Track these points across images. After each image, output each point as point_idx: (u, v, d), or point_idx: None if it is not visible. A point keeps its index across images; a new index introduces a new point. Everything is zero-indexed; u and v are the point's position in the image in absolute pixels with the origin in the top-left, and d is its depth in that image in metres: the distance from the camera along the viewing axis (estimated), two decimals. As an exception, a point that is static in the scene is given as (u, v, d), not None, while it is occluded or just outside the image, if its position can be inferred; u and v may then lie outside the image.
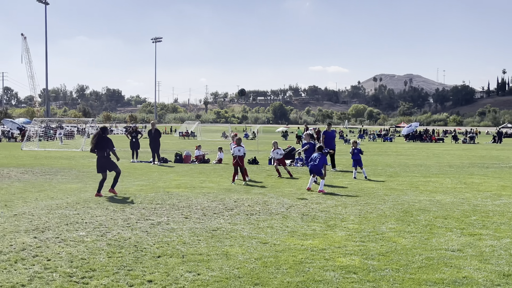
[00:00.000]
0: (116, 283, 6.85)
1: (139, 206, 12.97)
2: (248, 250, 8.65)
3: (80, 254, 8.26)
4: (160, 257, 8.18)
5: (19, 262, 7.76)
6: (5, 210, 12.17)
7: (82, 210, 12.35)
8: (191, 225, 10.72)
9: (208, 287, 6.73)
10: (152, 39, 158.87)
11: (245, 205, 13.26)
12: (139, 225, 10.64)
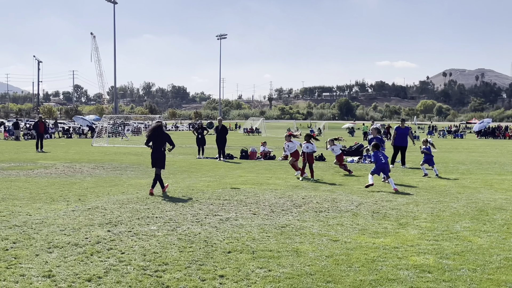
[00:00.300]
0: (189, 277, 6.91)
1: (207, 201, 13.07)
2: (318, 248, 8.56)
3: (152, 248, 8.39)
4: (231, 252, 8.20)
5: (95, 255, 7.95)
6: (79, 204, 12.51)
7: (152, 205, 12.56)
8: (259, 221, 10.72)
9: (280, 284, 6.69)
10: (217, 36, 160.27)
11: (313, 202, 13.16)
12: (208, 220, 10.72)
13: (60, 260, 7.62)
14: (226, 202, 13.04)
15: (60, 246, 8.46)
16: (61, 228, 9.81)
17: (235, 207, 12.29)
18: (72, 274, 6.98)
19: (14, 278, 6.78)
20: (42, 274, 6.96)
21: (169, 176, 18.81)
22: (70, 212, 11.49)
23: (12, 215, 11.01)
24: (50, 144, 41.52)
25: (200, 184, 16.61)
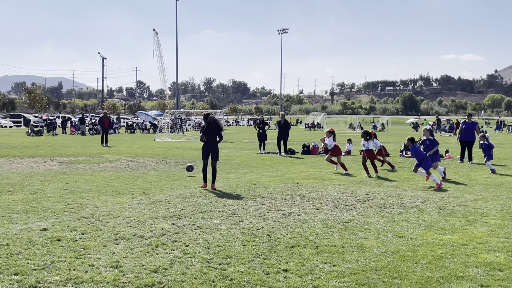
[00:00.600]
0: (253, 271, 6.90)
1: (269, 196, 13.06)
2: (383, 243, 8.40)
3: (216, 241, 8.43)
4: (294, 247, 8.15)
5: (160, 247, 8.05)
6: (144, 197, 12.72)
7: (215, 199, 12.64)
8: (322, 216, 10.62)
9: (345, 279, 6.59)
10: (278, 31, 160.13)
11: (377, 198, 12.95)
12: (271, 215, 10.70)
13: (127, 252, 7.76)
14: (288, 197, 12.99)
15: (126, 238, 8.61)
16: (127, 220, 9.99)
17: (298, 202, 12.23)
18: (138, 265, 7.09)
19: (83, 268, 6.94)
20: (110, 264, 7.09)
21: (231, 170, 18.91)
22: (135, 205, 11.70)
23: (80, 207, 11.29)
24: (115, 139, 42.51)
25: (262, 179, 16.62)
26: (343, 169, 18.59)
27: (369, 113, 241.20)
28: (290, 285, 6.37)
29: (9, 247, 7.93)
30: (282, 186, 14.82)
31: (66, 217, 10.19)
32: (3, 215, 10.37)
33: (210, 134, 14.51)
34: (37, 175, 16.96)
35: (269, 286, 6.35)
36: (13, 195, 12.79)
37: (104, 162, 22.18)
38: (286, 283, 6.45)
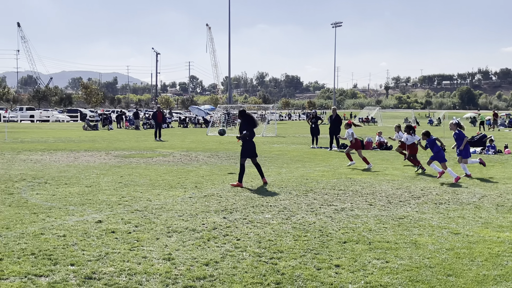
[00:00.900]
0: (304, 265, 6.85)
1: (321, 191, 12.95)
2: (438, 240, 8.20)
3: (267, 236, 8.41)
4: (346, 242, 8.05)
5: (212, 240, 8.09)
6: (196, 191, 12.82)
7: (266, 193, 12.62)
8: (376, 212, 10.46)
9: (398, 275, 6.46)
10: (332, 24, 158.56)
11: (432, 194, 12.68)
12: (323, 210, 10.61)
13: (179, 244, 7.82)
14: (341, 192, 12.87)
15: (178, 231, 8.68)
16: (179, 213, 10.08)
17: (351, 198, 12.09)
18: (190, 258, 7.13)
19: (136, 259, 7.03)
20: (162, 256, 7.17)
21: (283, 165, 18.87)
22: (187, 198, 11.80)
23: (133, 200, 11.47)
24: (168, 134, 43.05)
25: (314, 174, 16.52)
26: (365, 164, 18.37)
27: (425, 107, 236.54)
28: (342, 281, 6.30)
29: (66, 238, 8.11)
30: (335, 181, 14.69)
31: (121, 210, 10.36)
32: (60, 207, 10.62)
33: (252, 131, 14.17)
34: (92, 169, 17.32)
35: (320, 281, 6.29)
36: (70, 188, 13.09)
37: (157, 156, 22.47)
38: (337, 279, 6.38)
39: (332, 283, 6.23)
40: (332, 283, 6.24)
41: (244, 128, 14.03)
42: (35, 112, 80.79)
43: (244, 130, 13.98)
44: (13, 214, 9.79)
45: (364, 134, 40.90)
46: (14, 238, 8.06)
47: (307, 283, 6.21)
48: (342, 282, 6.25)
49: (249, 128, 14.00)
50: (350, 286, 6.14)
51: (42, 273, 6.43)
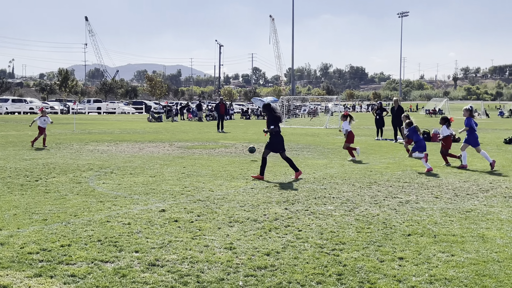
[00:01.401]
0: (367, 258, 6.74)
1: (385, 183, 12.74)
2: (507, 234, 7.92)
3: (329, 227, 8.33)
4: (411, 235, 7.87)
5: (273, 231, 8.07)
6: (258, 182, 12.83)
7: (329, 185, 12.51)
8: (442, 205, 10.20)
9: (464, 269, 6.27)
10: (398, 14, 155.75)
11: (502, 187, 12.25)
12: (387, 202, 10.42)
13: (241, 234, 7.85)
14: (406, 184, 12.61)
15: (240, 221, 8.71)
16: (240, 204, 10.12)
17: (416, 190, 11.83)
18: (251, 247, 7.14)
19: (199, 248, 7.09)
20: (224, 246, 7.20)
21: (347, 157, 18.65)
22: (249, 189, 11.83)
23: (196, 190, 11.58)
24: (230, 125, 43.35)
25: (379, 165, 16.26)
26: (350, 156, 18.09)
27: (496, 99, 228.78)
28: (406, 273, 6.16)
29: (131, 226, 8.27)
30: (400, 174, 14.41)
31: (183, 200, 10.49)
32: (125, 196, 10.85)
33: (278, 126, 13.90)
34: (156, 159, 17.62)
35: (383, 273, 6.18)
36: (135, 178, 13.35)
37: (220, 147, 22.65)
38: (401, 271, 6.25)
39: (395, 276, 6.10)
40: (395, 275, 6.12)
41: (271, 123, 13.74)
42: (102, 104, 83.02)
43: (272, 125, 13.71)
44: (80, 202, 10.07)
45: (432, 126, 40.02)
46: (82, 225, 8.28)
47: (369, 275, 6.11)
48: (406, 275, 6.12)
49: (274, 124, 13.75)
50: (413, 279, 6.00)
51: (108, 259, 6.58)
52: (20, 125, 38.89)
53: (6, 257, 6.57)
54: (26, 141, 24.33)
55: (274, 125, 13.71)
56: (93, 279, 5.86)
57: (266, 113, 13.97)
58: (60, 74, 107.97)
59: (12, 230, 7.92)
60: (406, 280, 5.98)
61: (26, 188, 11.55)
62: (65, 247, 7.06)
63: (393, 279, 6.00)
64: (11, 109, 69.68)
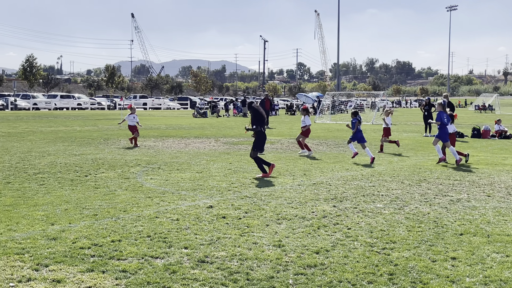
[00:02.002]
0: (418, 257, 6.61)
1: (435, 181, 12.49)
2: None
3: (379, 226, 8.21)
4: (463, 234, 7.69)
5: (322, 229, 8.00)
6: (305, 179, 12.76)
7: (377, 182, 12.34)
8: (494, 204, 9.94)
9: (521, 272, 6.09)
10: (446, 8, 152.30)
11: (557, 185, 11.88)
12: (437, 200, 10.22)
13: (289, 232, 7.80)
14: (456, 182, 12.34)
15: (288, 218, 8.67)
16: (288, 201, 10.07)
17: (467, 188, 11.57)
18: (300, 245, 7.09)
19: (247, 245, 7.08)
20: (272, 243, 7.17)
21: (394, 154, 18.38)
22: (296, 186, 11.76)
23: (243, 187, 11.59)
24: (275, 121, 43.28)
25: (428, 163, 15.97)
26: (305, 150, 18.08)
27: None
28: (459, 274, 6.02)
29: (179, 222, 8.32)
30: (450, 171, 14.12)
31: (231, 196, 10.50)
32: (173, 192, 10.92)
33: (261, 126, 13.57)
34: (202, 155, 17.71)
35: (435, 273, 6.05)
36: (182, 174, 13.44)
37: (266, 143, 22.59)
38: (454, 271, 6.10)
39: (448, 276, 5.97)
40: (448, 275, 5.98)
41: (255, 122, 13.52)
42: (148, 100, 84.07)
43: (255, 125, 13.50)
44: (129, 198, 10.19)
45: (481, 122, 39.16)
46: (131, 220, 8.37)
47: (421, 275, 5.99)
48: (459, 275, 5.98)
49: (257, 123, 13.49)
50: (467, 280, 5.85)
51: (158, 254, 6.63)
52: (68, 121, 39.71)
53: (59, 251, 6.69)
54: (75, 136, 24.81)
55: (257, 124, 13.48)
56: (144, 275, 5.91)
57: (250, 112, 13.79)
58: (107, 70, 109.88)
59: (64, 225, 8.06)
60: (460, 281, 5.83)
61: (76, 184, 11.75)
62: (115, 242, 7.14)
63: (446, 280, 5.86)
64: (59, 105, 71.18)
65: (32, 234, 7.45)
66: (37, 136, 24.46)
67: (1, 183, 11.63)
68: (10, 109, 62.59)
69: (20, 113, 53.49)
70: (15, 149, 18.50)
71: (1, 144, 20.27)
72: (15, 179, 12.17)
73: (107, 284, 5.67)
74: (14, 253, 6.59)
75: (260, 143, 13.53)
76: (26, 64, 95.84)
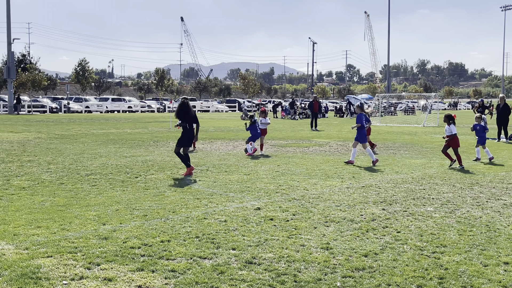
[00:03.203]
0: (469, 261, 6.48)
1: (488, 185, 12.21)
2: None
3: (429, 229, 8.07)
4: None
5: (370, 232, 7.92)
6: (353, 182, 12.66)
7: (428, 185, 12.14)
8: (550, 208, 9.65)
9: None
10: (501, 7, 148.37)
11: None
12: (490, 204, 9.99)
13: (337, 234, 7.76)
14: (510, 186, 12.04)
15: (336, 220, 8.62)
16: (336, 203, 10.01)
17: (520, 192, 11.27)
18: (348, 248, 7.04)
19: (295, 247, 7.07)
20: (320, 246, 7.14)
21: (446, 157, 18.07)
22: (345, 189, 11.68)
23: (290, 189, 11.58)
24: (324, 123, 43.10)
25: (480, 166, 15.64)
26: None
27: None
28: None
29: (227, 223, 8.38)
30: (504, 175, 13.79)
31: (278, 198, 10.51)
32: (221, 193, 11.00)
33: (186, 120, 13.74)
34: (250, 157, 17.76)
35: (487, 278, 5.92)
36: (230, 176, 13.52)
37: (314, 145, 22.55)
38: (507, 277, 5.96)
39: (500, 281, 5.83)
40: (501, 280, 5.84)
41: (178, 117, 13.99)
42: (196, 103, 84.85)
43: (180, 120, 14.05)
44: (178, 199, 10.31)
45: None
46: (180, 221, 8.47)
47: (472, 280, 5.87)
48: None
49: (182, 120, 13.87)
50: (522, 287, 5.70)
51: (206, 255, 6.69)
52: (119, 123, 40.46)
53: (110, 251, 6.83)
54: (125, 138, 25.26)
55: (182, 120, 13.87)
56: (192, 275, 5.97)
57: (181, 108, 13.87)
58: (157, 74, 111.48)
59: (115, 225, 8.22)
60: (514, 287, 5.69)
61: (127, 185, 11.96)
62: (165, 242, 7.24)
63: (498, 285, 5.74)
64: (110, 108, 72.67)
65: (84, 234, 7.63)
66: (89, 138, 25.02)
67: (55, 184, 11.94)
68: (63, 112, 64.21)
69: (73, 116, 54.83)
70: (68, 151, 18.97)
71: (54, 146, 20.81)
72: (68, 180, 12.47)
73: (156, 283, 5.76)
74: (67, 252, 6.76)
75: (185, 140, 13.75)
76: (78, 68, 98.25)
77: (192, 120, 13.77)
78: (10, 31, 61.78)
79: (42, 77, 74.74)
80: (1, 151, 18.81)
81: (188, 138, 13.75)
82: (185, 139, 13.73)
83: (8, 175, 13.17)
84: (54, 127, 33.70)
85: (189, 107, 13.82)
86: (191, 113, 13.80)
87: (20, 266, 6.18)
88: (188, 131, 13.71)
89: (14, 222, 8.31)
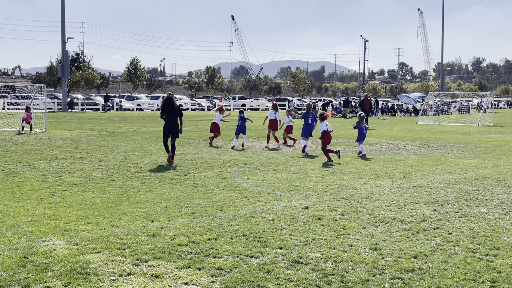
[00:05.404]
0: (525, 267, 6.26)
1: (545, 185, 11.81)
2: None
3: (482, 231, 7.85)
4: None
5: (421, 233, 7.76)
6: (404, 182, 12.44)
7: (482, 186, 11.83)
8: None
9: None
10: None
11: None
12: (547, 206, 9.65)
13: (386, 235, 7.63)
14: None
15: (385, 221, 8.48)
16: (386, 203, 9.85)
17: None
18: (398, 249, 6.91)
19: (343, 247, 6.98)
20: (369, 246, 7.03)
21: (501, 157, 17.56)
22: (395, 188, 11.49)
23: (339, 188, 11.46)
24: (375, 122, 42.55)
25: (535, 166, 15.13)
26: None
27: None
28: None
29: (274, 222, 8.34)
30: (560, 175, 13.31)
31: (327, 197, 10.41)
32: (269, 192, 10.98)
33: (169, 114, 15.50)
34: (299, 156, 17.68)
35: (544, 284, 5.70)
36: (278, 174, 13.48)
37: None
38: None
39: (558, 288, 5.61)
40: (559, 287, 5.62)
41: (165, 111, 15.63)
42: (247, 101, 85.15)
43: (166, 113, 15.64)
44: (226, 197, 10.33)
45: None
46: (227, 219, 8.49)
47: (528, 285, 5.67)
48: None
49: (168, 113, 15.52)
50: None
51: (253, 254, 6.67)
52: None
53: (158, 247, 6.89)
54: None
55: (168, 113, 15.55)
56: (239, 273, 5.96)
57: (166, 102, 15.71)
58: (207, 72, 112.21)
59: (163, 222, 8.30)
60: None
61: (176, 182, 12.07)
62: (212, 240, 7.26)
63: (555, 291, 5.52)
64: (162, 106, 73.55)
65: (133, 230, 7.73)
66: (140, 136, 25.39)
67: (106, 181, 12.15)
68: (115, 109, 65.42)
69: (124, 114, 55.77)
70: (119, 148, 19.29)
71: (106, 144, 21.20)
72: (119, 177, 12.67)
73: (203, 281, 5.77)
74: (115, 248, 6.86)
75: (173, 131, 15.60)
76: (130, 66, 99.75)
77: (176, 113, 15.50)
78: (65, 31, 63.25)
79: (95, 76, 76.33)
80: (54, 148, 19.28)
81: (166, 131, 15.63)
82: (174, 131, 15.59)
83: (60, 171, 13.48)
84: (106, 125, 34.33)
85: (173, 101, 15.65)
86: (174, 106, 15.58)
87: (70, 261, 6.30)
88: (173, 123, 15.51)
89: (65, 218, 8.49)
